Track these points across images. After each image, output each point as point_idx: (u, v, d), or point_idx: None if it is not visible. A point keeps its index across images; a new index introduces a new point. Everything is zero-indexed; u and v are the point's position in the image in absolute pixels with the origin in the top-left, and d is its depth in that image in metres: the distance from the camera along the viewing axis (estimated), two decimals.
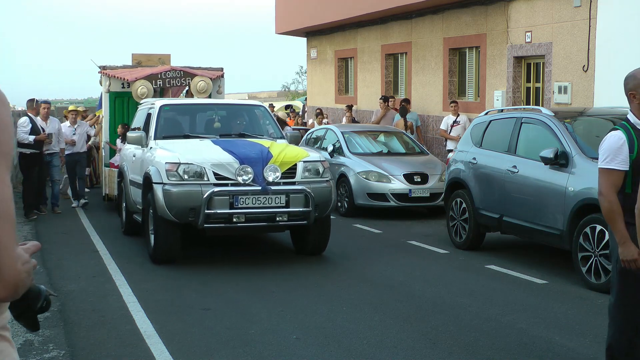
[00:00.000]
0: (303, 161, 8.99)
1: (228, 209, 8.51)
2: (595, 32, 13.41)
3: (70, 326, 6.44)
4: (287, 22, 25.16)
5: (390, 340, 6.02)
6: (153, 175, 8.89)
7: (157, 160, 9.03)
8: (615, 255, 4.45)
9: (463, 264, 9.10)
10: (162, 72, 13.41)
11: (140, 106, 11.68)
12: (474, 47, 17.24)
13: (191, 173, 8.62)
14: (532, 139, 9.13)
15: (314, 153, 9.49)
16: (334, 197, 9.17)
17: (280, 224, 8.82)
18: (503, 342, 5.98)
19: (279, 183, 8.74)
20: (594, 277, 7.68)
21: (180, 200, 8.55)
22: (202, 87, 13.26)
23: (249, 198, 8.57)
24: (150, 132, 10.00)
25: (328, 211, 9.08)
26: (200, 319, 6.62)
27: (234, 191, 8.54)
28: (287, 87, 60.77)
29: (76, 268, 8.83)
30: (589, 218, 7.76)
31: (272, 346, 5.89)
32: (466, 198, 9.95)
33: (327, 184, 9.06)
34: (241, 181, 8.59)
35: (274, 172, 8.71)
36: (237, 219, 8.55)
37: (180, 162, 8.69)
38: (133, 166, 10.39)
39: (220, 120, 10.70)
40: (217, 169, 8.64)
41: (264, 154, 8.84)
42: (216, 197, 8.48)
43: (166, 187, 8.63)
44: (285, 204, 8.69)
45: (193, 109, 11.22)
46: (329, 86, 24.30)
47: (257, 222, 8.72)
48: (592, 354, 5.73)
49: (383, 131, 15.22)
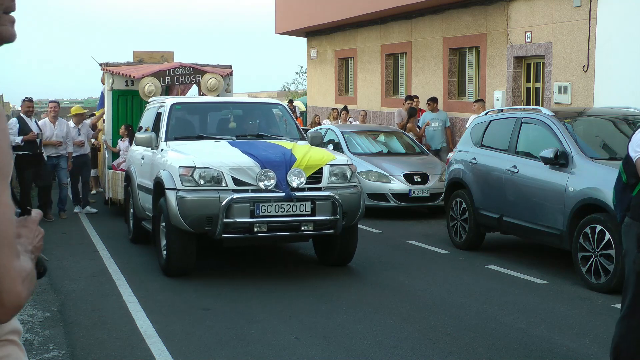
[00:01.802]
0: (329, 164, 8.31)
1: (248, 218, 7.82)
2: (595, 32, 13.41)
3: (70, 326, 6.43)
4: (287, 22, 25.16)
5: (390, 340, 6.02)
6: (165, 180, 8.21)
7: (170, 164, 8.35)
8: (631, 256, 4.40)
9: (463, 264, 9.10)
10: (170, 68, 12.80)
11: (148, 105, 11.06)
12: (474, 47, 17.24)
13: (208, 178, 7.95)
14: (532, 139, 9.13)
15: (341, 156, 8.85)
16: (362, 204, 8.47)
17: (305, 234, 8.16)
18: (503, 342, 5.98)
19: (304, 189, 8.07)
20: (594, 277, 7.68)
21: (195, 208, 7.86)
22: (214, 85, 12.64)
23: (271, 205, 7.89)
24: (161, 132, 9.29)
25: (357, 219, 8.42)
26: (200, 319, 6.62)
27: (255, 198, 7.85)
28: (287, 87, 60.75)
29: (76, 268, 8.83)
30: (589, 218, 7.75)
31: (272, 346, 5.89)
32: (466, 198, 9.95)
33: (355, 189, 8.40)
34: (263, 187, 7.92)
35: (298, 177, 8.03)
36: (259, 229, 7.87)
37: (195, 166, 8.01)
38: (142, 169, 9.73)
39: (236, 119, 9.96)
40: (236, 173, 7.98)
41: (287, 157, 8.14)
42: (236, 205, 7.79)
43: (180, 193, 7.95)
44: (311, 212, 8.01)
45: (207, 107, 10.41)
46: (329, 86, 24.30)
47: (280, 232, 8.05)
48: (592, 354, 5.73)
49: (383, 131, 15.22)
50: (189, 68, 12.84)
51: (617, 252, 7.39)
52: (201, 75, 12.79)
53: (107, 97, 13.51)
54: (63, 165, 12.94)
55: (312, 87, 25.84)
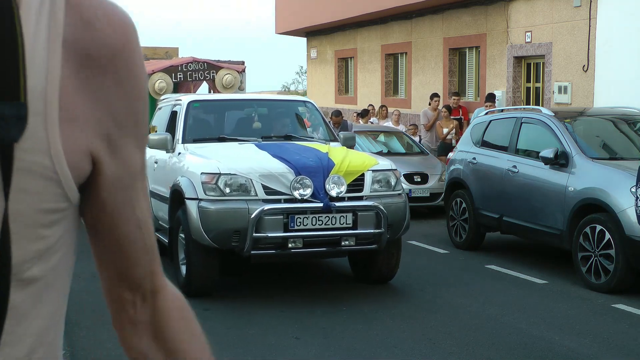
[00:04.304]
0: (372, 170, 7.36)
1: (282, 232, 6.89)
2: (595, 32, 13.42)
3: (70, 326, 6.43)
4: (287, 22, 25.18)
5: (390, 340, 6.02)
6: (185, 188, 7.20)
7: (190, 170, 7.37)
8: None
9: (463, 264, 9.10)
10: (183, 64, 11.95)
11: (160, 103, 9.97)
12: (474, 47, 17.25)
13: (235, 186, 6.99)
14: (532, 139, 9.14)
15: (383, 160, 7.83)
16: (408, 215, 7.61)
17: (345, 249, 7.22)
18: (503, 342, 5.98)
19: (344, 198, 7.14)
20: (594, 277, 7.68)
21: (220, 220, 6.89)
22: (229, 81, 11.97)
23: (307, 217, 6.95)
24: (177, 134, 8.26)
25: (402, 232, 7.54)
26: (200, 319, 6.55)
27: (289, 209, 6.92)
28: (287, 87, 60.77)
29: (76, 267, 8.80)
30: (589, 218, 7.76)
31: (272, 346, 5.89)
32: (466, 198, 9.95)
33: (401, 198, 7.49)
34: (298, 196, 6.95)
35: (337, 185, 7.08)
36: (293, 244, 6.94)
37: (220, 173, 7.02)
38: (155, 174, 8.71)
39: (260, 119, 8.93)
40: (267, 180, 7.01)
41: (324, 162, 7.17)
42: (267, 217, 6.85)
43: (202, 203, 6.97)
44: (352, 225, 7.08)
45: (228, 105, 9.30)
46: (329, 86, 24.31)
47: (317, 248, 7.17)
48: (592, 353, 5.73)
49: (383, 131, 15.23)
50: (202, 63, 12.08)
51: (617, 252, 7.40)
52: (216, 71, 12.06)
53: None
54: None
55: (312, 87, 25.85)
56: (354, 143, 8.65)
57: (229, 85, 11.98)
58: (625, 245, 7.32)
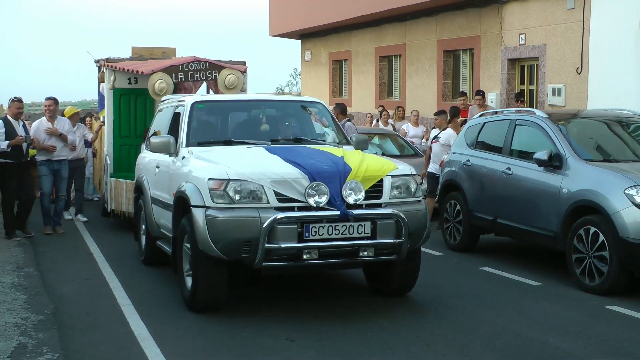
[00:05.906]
0: (391, 175, 6.88)
1: (296, 242, 6.43)
2: (588, 34, 13.46)
3: (64, 329, 6.42)
4: (281, 24, 25.18)
5: (385, 343, 6.03)
6: (190, 195, 6.75)
7: (196, 175, 6.91)
8: None
9: (457, 266, 9.11)
10: (184, 63, 11.51)
11: (161, 104, 9.51)
12: (468, 49, 17.29)
13: (244, 193, 6.50)
14: (526, 141, 9.15)
15: (403, 164, 7.22)
16: (429, 223, 7.13)
17: (363, 260, 6.76)
18: (497, 344, 5.99)
19: (362, 205, 6.66)
20: (588, 279, 7.70)
21: (229, 230, 6.42)
22: (232, 82, 11.54)
23: (323, 227, 6.49)
24: (181, 136, 7.84)
25: (422, 241, 7.09)
26: (194, 321, 6.61)
27: (303, 218, 6.45)
28: (281, 90, 60.79)
29: (70, 271, 8.81)
30: (583, 220, 7.77)
31: (266, 349, 5.89)
32: (460, 200, 9.96)
33: (421, 205, 7.04)
34: (313, 204, 6.49)
35: (355, 191, 6.61)
36: (308, 255, 6.48)
37: (229, 179, 6.53)
38: (157, 180, 8.33)
39: (268, 120, 8.43)
40: (279, 187, 6.53)
41: (340, 167, 6.73)
42: (280, 227, 6.38)
43: (210, 211, 6.50)
44: (371, 234, 6.63)
45: (234, 106, 8.80)
46: (323, 88, 24.31)
47: (333, 259, 6.69)
48: (586, 355, 5.74)
49: (377, 133, 15.23)
50: (204, 63, 11.67)
51: (610, 254, 7.42)
52: (218, 72, 11.67)
53: (108, 97, 12.27)
54: (64, 174, 11.53)
55: (306, 90, 25.86)
56: (367, 146, 8.31)
57: (232, 86, 11.59)
58: (619, 247, 7.34)
